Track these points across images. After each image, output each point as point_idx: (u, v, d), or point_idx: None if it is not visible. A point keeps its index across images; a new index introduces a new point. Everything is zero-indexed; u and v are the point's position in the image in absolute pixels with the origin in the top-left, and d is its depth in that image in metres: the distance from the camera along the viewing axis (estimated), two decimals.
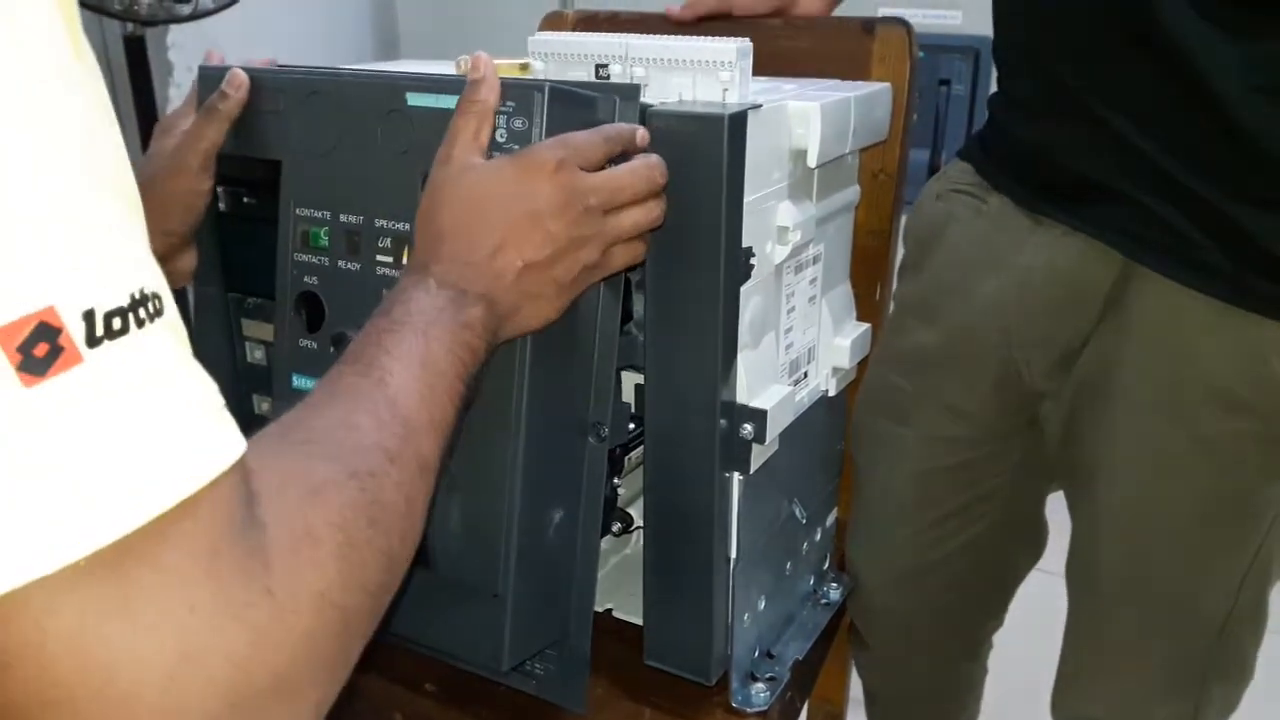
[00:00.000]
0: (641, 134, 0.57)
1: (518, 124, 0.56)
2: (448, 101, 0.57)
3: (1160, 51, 0.62)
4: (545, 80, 0.58)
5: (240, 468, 0.33)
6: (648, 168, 0.56)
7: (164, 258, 0.64)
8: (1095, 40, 0.66)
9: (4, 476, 0.27)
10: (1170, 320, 0.68)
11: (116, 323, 0.29)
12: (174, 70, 2.30)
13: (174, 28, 2.09)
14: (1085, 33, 0.67)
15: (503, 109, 0.56)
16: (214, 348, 0.70)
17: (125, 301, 0.29)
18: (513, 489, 0.58)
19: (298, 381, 0.64)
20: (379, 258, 0.61)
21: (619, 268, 0.58)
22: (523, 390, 0.57)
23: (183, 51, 2.29)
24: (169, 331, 0.31)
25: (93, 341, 0.28)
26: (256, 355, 0.70)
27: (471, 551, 0.60)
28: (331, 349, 0.60)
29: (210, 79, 0.65)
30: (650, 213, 0.57)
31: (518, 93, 0.56)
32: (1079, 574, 0.80)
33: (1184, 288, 0.67)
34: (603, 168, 0.56)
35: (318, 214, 0.62)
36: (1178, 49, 0.61)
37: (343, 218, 0.61)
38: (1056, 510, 0.90)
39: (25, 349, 0.27)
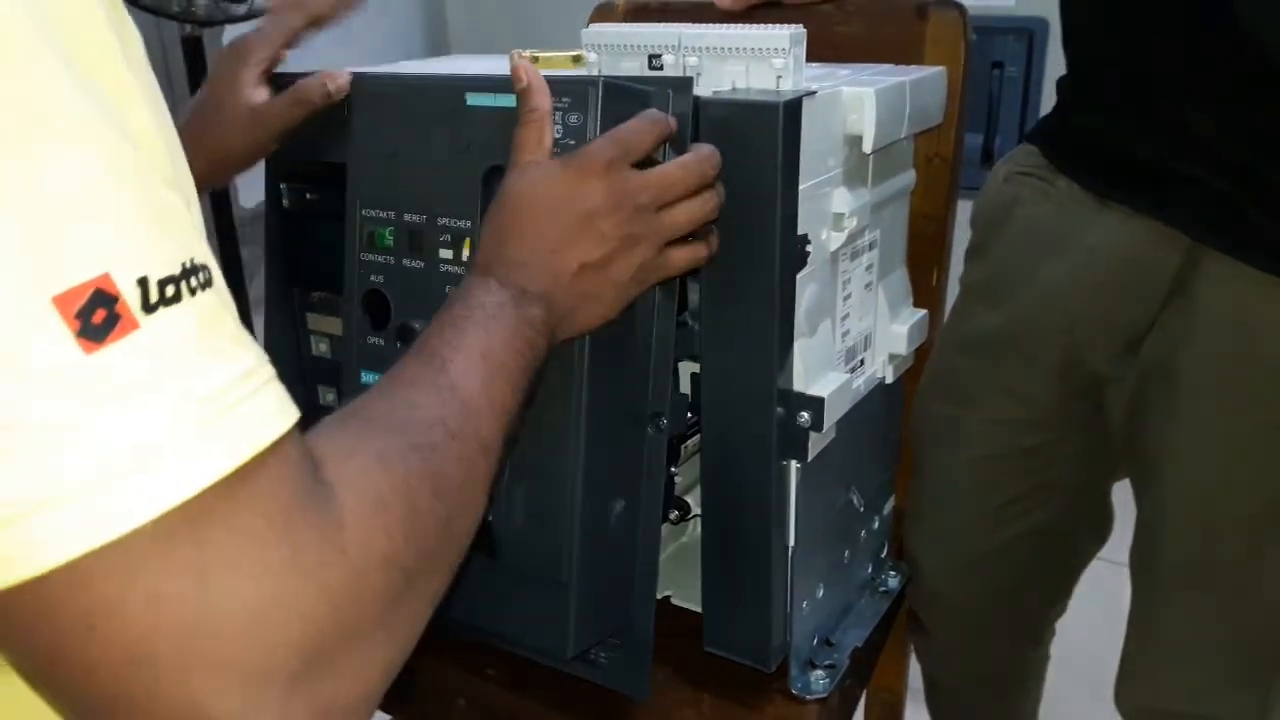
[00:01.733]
0: (672, 119, 0.57)
1: (573, 119, 0.56)
2: (506, 100, 0.58)
3: (1231, 34, 0.61)
4: (599, 75, 0.58)
5: (296, 433, 0.33)
6: (698, 161, 0.56)
7: (214, 186, 0.68)
8: (1164, 24, 0.65)
9: (71, 442, 0.28)
10: (1236, 303, 0.67)
11: (170, 290, 0.29)
12: None
13: (229, 28, 2.13)
14: (1154, 17, 0.66)
15: (558, 105, 0.56)
16: (280, 341, 0.71)
17: (177, 270, 0.30)
18: (575, 480, 0.59)
19: (366, 378, 0.66)
20: (442, 253, 0.62)
21: (680, 269, 0.58)
22: (583, 383, 0.58)
23: None
24: (219, 302, 0.32)
25: (148, 308, 0.29)
26: (321, 348, 0.71)
27: (536, 541, 0.61)
28: (398, 344, 0.61)
29: (277, 81, 0.67)
30: (705, 205, 0.57)
31: (572, 88, 0.56)
32: (1144, 561, 0.79)
33: (1251, 270, 0.66)
34: (655, 156, 0.56)
35: (383, 214, 0.64)
36: (1249, 31, 0.60)
37: (407, 217, 0.63)
38: (1120, 497, 0.89)
39: (84, 315, 0.28)
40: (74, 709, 0.31)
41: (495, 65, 0.76)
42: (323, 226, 0.68)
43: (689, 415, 0.69)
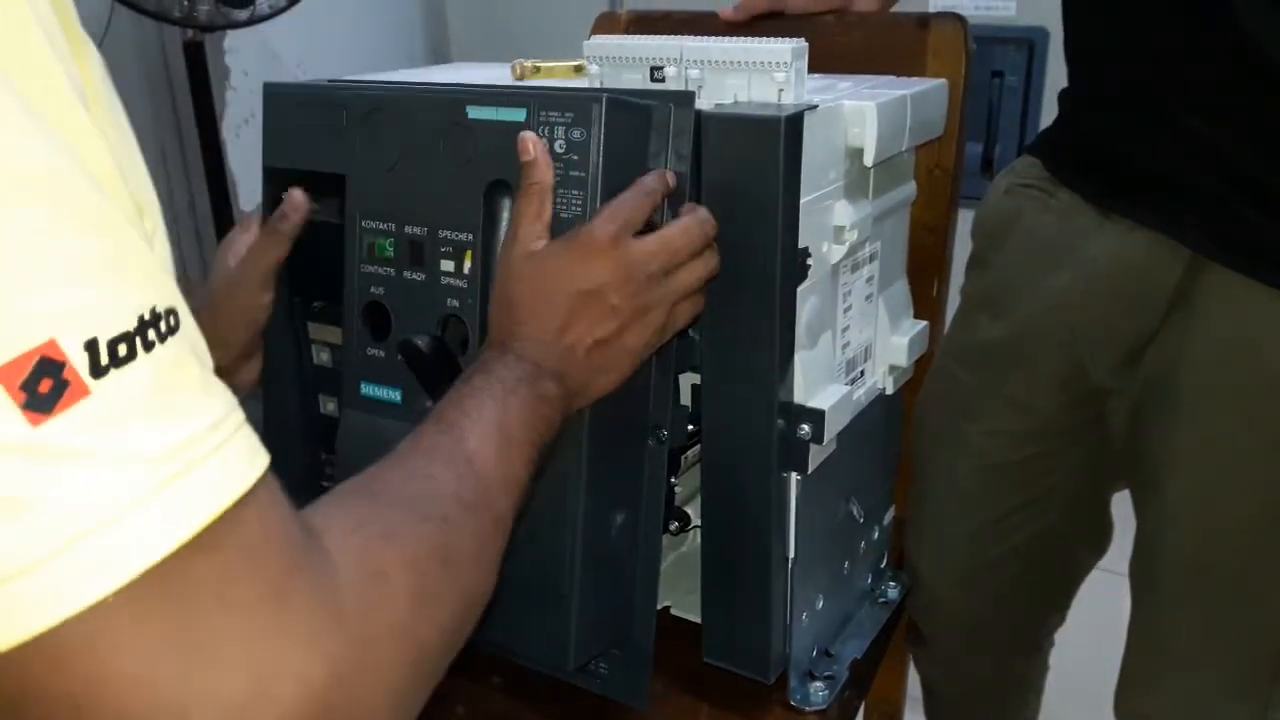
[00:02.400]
0: (671, 175, 0.58)
1: (576, 135, 0.56)
2: (507, 114, 0.58)
3: (1235, 45, 0.61)
4: (603, 90, 0.58)
5: (271, 481, 0.32)
6: (699, 223, 0.57)
7: (226, 370, 0.67)
8: (1168, 35, 0.66)
9: (25, 516, 0.27)
10: (1238, 315, 0.67)
11: (122, 349, 0.28)
12: (230, 74, 2.35)
13: (231, 33, 2.13)
14: (1158, 28, 0.66)
15: (560, 120, 0.56)
16: (281, 350, 0.71)
17: (131, 325, 0.28)
18: (577, 493, 0.59)
19: (367, 389, 0.66)
20: (443, 265, 0.62)
21: (685, 324, 0.60)
22: (583, 411, 0.58)
23: (239, 56, 2.33)
24: (183, 347, 0.30)
25: (98, 371, 0.27)
26: (323, 357, 0.71)
27: (537, 554, 0.61)
28: (399, 357, 0.61)
29: (274, 94, 0.67)
30: (708, 264, 0.58)
31: (576, 104, 0.56)
32: (1144, 572, 0.79)
33: (1253, 282, 0.66)
34: (653, 221, 0.57)
35: (383, 226, 0.64)
36: (1253, 42, 0.61)
37: (407, 229, 0.63)
38: (1118, 508, 0.89)
39: (29, 387, 0.26)
40: None
41: (497, 74, 0.76)
42: (322, 235, 0.68)
43: (689, 426, 0.69)
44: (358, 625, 0.34)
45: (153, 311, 0.29)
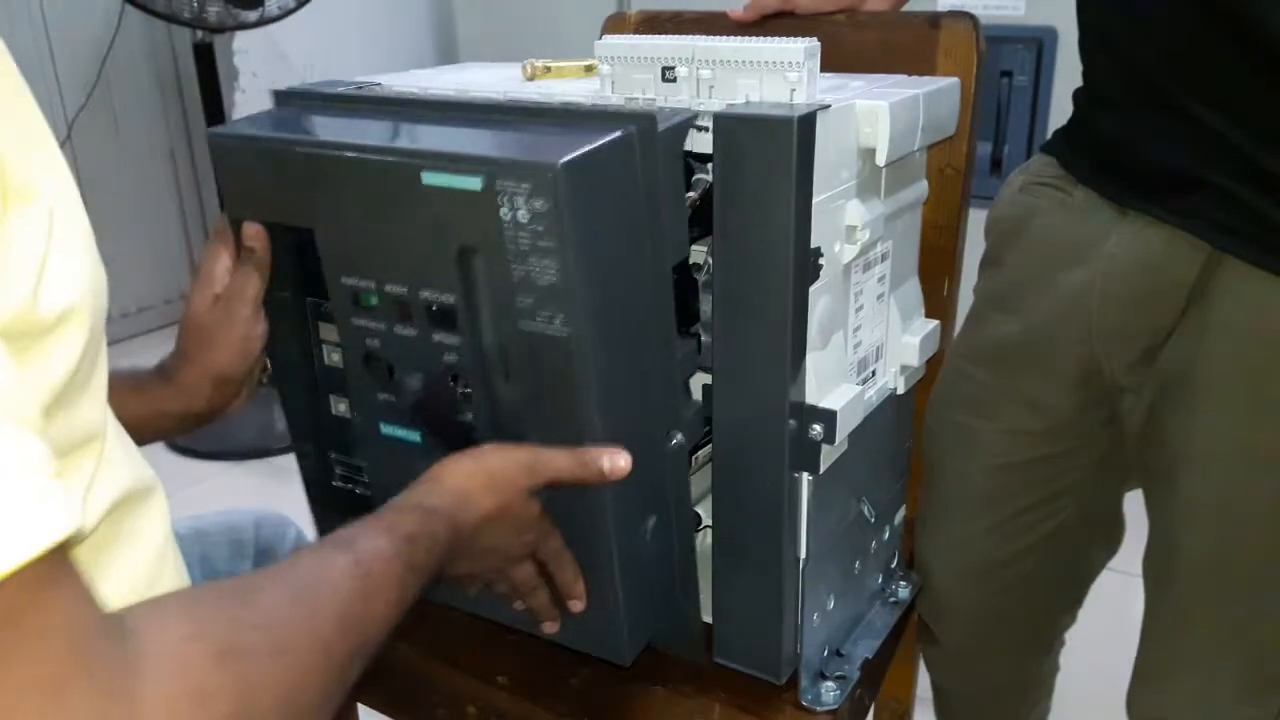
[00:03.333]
0: (609, 467, 0.59)
1: (538, 204, 0.52)
2: (462, 181, 0.54)
3: (1253, 41, 0.61)
4: (556, 162, 0.52)
5: (68, 560, 0.29)
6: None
7: (222, 403, 0.69)
8: (1184, 33, 0.65)
9: None
10: (1257, 311, 0.67)
11: None
12: (240, 75, 2.35)
13: (240, 34, 2.14)
14: (1173, 25, 0.66)
15: (518, 190, 0.53)
16: (291, 351, 0.71)
17: None
18: (606, 509, 0.61)
19: (387, 429, 0.67)
20: (432, 327, 0.61)
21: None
22: (594, 419, 0.59)
23: (248, 57, 2.34)
24: None
25: None
26: (333, 358, 0.71)
27: (584, 568, 0.65)
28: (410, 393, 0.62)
29: (220, 143, 0.65)
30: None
31: (532, 173, 0.52)
32: (1158, 572, 0.79)
33: (1272, 276, 0.66)
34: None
35: (363, 283, 0.62)
36: (1271, 37, 0.60)
37: (388, 288, 0.61)
38: (1129, 507, 0.89)
39: None
40: None
41: (508, 75, 0.76)
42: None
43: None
44: (154, 697, 0.30)
45: None
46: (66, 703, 0.27)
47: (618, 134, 0.56)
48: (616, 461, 0.58)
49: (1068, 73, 0.76)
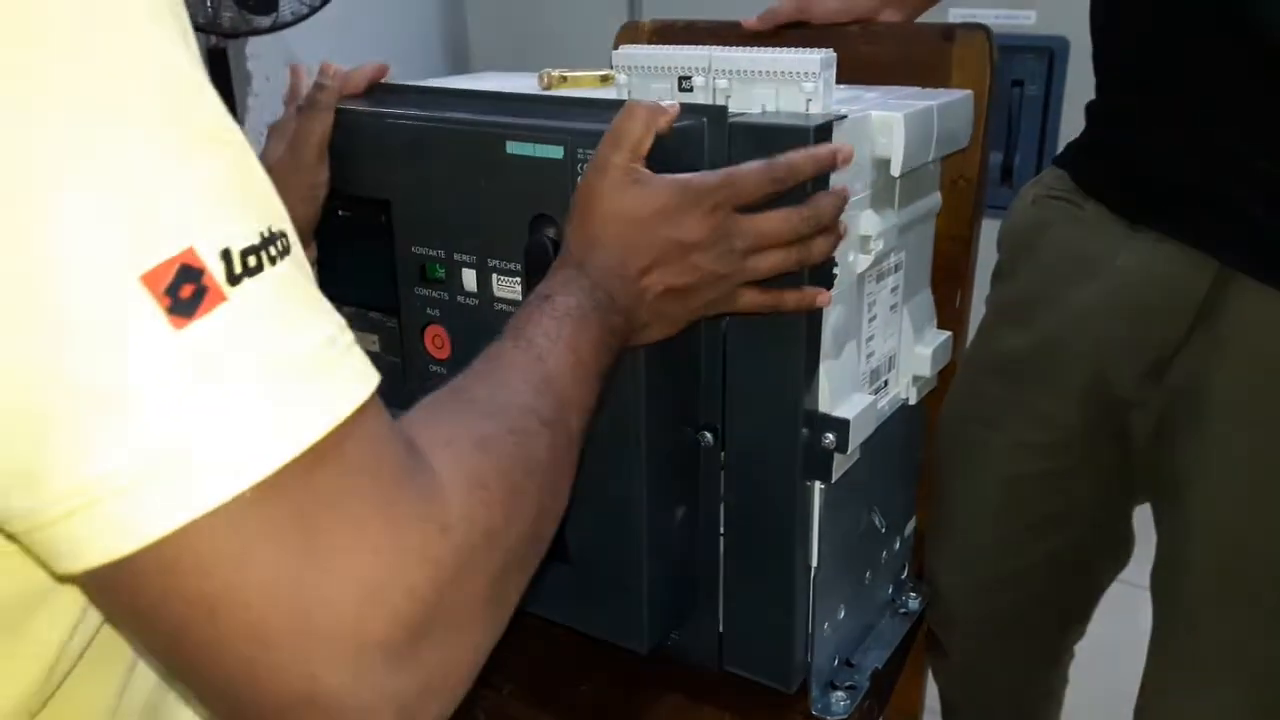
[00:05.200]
0: (830, 153, 0.57)
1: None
2: (545, 150, 0.58)
3: (1265, 58, 0.61)
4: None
5: (378, 400, 0.34)
6: (800, 218, 0.57)
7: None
8: (1197, 49, 0.65)
9: (169, 417, 0.28)
10: (1266, 328, 0.67)
11: (252, 260, 0.30)
12: (253, 80, 2.36)
13: (253, 39, 2.15)
14: (1186, 41, 0.66)
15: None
16: None
17: (257, 239, 0.30)
18: (642, 485, 0.62)
19: None
20: (497, 292, 0.63)
21: (742, 311, 0.60)
22: (640, 403, 0.60)
23: (262, 62, 2.35)
24: (298, 269, 0.32)
25: (233, 279, 0.29)
26: None
27: (609, 551, 0.65)
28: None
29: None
30: (788, 257, 0.58)
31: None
32: (1166, 587, 0.79)
33: None
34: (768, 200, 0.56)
35: (432, 252, 0.65)
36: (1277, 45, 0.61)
37: (456, 256, 0.64)
38: (1138, 520, 0.88)
39: (172, 291, 0.28)
40: (198, 686, 0.33)
41: (523, 84, 0.77)
42: (355, 242, 0.69)
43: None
44: (461, 534, 0.35)
45: (270, 230, 0.31)
46: (400, 516, 0.33)
47: (690, 121, 0.58)
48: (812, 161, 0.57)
49: (1079, 83, 0.76)
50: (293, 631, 0.30)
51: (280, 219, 0.32)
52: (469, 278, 0.64)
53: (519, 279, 0.62)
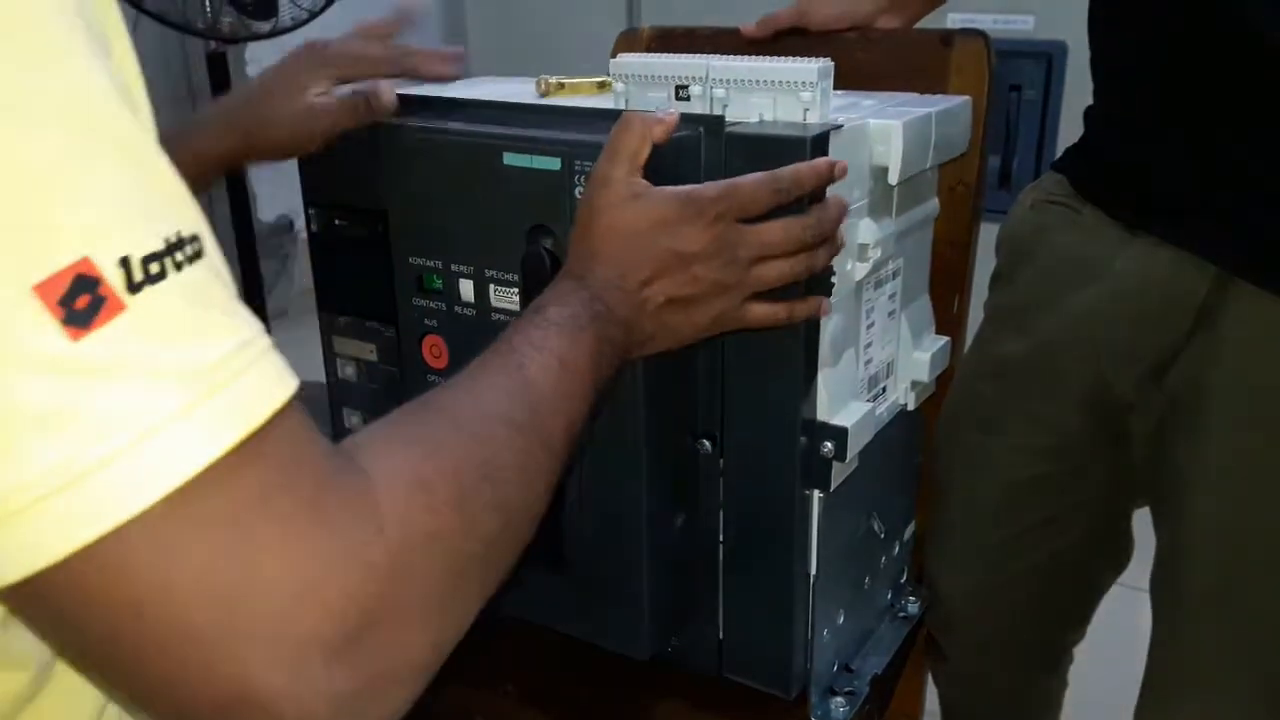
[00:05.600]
0: (829, 166, 0.57)
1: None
2: (542, 162, 0.59)
3: (1262, 63, 0.62)
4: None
5: (298, 405, 0.33)
6: (801, 227, 0.57)
7: (246, 156, 0.68)
8: (1194, 54, 0.66)
9: (70, 429, 0.28)
10: (1264, 332, 0.68)
11: (154, 267, 0.29)
12: None
13: (253, 44, 2.15)
14: (1183, 47, 0.66)
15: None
16: (306, 363, 0.72)
17: (160, 246, 0.29)
18: (640, 499, 0.62)
19: None
20: (494, 302, 0.63)
21: (756, 325, 0.59)
22: (639, 411, 0.60)
23: (262, 67, 2.35)
24: (210, 274, 0.31)
25: (133, 288, 0.28)
26: (347, 371, 0.72)
27: (609, 557, 0.65)
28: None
29: None
30: (795, 266, 0.58)
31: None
32: (1166, 589, 0.79)
33: (1279, 299, 0.66)
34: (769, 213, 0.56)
35: (429, 262, 0.65)
36: (1274, 51, 0.61)
37: (454, 266, 0.64)
38: (1137, 523, 0.89)
39: (66, 303, 0.27)
40: (131, 692, 0.33)
41: (520, 90, 0.77)
42: (352, 251, 0.69)
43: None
44: (397, 534, 0.35)
45: (178, 235, 0.30)
46: (327, 517, 0.33)
47: (688, 131, 0.58)
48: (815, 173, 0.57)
49: (1077, 87, 0.76)
50: (223, 630, 0.30)
51: (192, 223, 0.31)
52: (466, 288, 0.64)
53: (516, 289, 0.62)
